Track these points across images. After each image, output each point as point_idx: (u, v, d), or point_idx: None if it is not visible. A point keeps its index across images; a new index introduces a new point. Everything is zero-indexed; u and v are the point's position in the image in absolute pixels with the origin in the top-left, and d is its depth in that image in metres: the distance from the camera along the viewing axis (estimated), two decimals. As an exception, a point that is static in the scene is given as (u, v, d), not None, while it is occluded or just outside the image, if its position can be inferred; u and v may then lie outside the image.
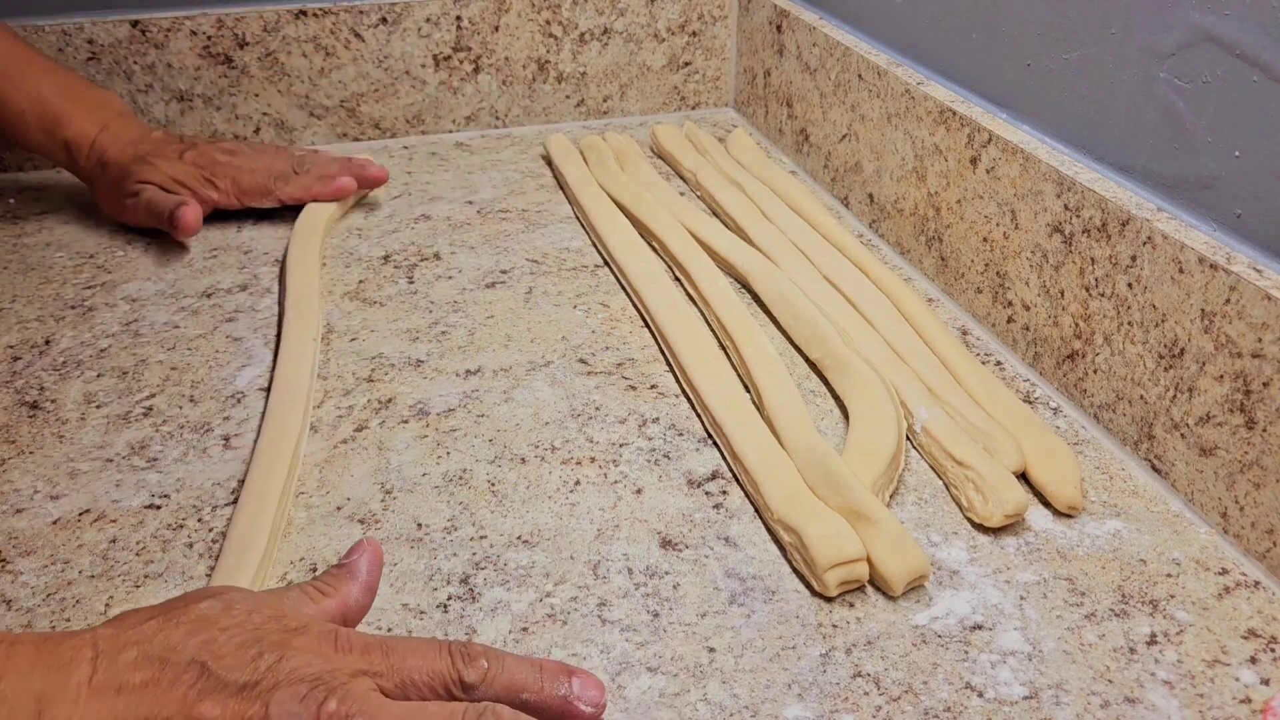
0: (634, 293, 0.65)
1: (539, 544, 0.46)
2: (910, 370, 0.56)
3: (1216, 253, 0.46)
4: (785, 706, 0.39)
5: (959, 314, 0.64)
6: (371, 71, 0.87)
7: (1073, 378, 0.55)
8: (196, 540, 0.47)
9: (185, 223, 0.69)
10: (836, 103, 0.76)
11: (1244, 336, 0.44)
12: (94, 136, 0.71)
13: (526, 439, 0.53)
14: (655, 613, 0.43)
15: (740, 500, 0.49)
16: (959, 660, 0.41)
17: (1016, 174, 0.57)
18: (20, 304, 0.65)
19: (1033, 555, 0.46)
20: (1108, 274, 0.51)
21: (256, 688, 0.33)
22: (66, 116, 0.71)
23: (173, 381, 0.58)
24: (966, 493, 0.48)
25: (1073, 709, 0.39)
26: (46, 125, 0.71)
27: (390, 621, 0.42)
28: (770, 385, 0.54)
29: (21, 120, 0.70)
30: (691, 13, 0.93)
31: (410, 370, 0.59)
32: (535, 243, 0.73)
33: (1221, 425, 0.46)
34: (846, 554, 0.43)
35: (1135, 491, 0.50)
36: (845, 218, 0.77)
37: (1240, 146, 0.46)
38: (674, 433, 0.54)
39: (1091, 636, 0.42)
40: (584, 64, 0.92)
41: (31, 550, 0.46)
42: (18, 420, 0.55)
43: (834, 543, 0.43)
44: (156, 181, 0.71)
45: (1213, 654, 0.41)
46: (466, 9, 0.87)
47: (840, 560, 0.43)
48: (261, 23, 0.83)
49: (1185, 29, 0.48)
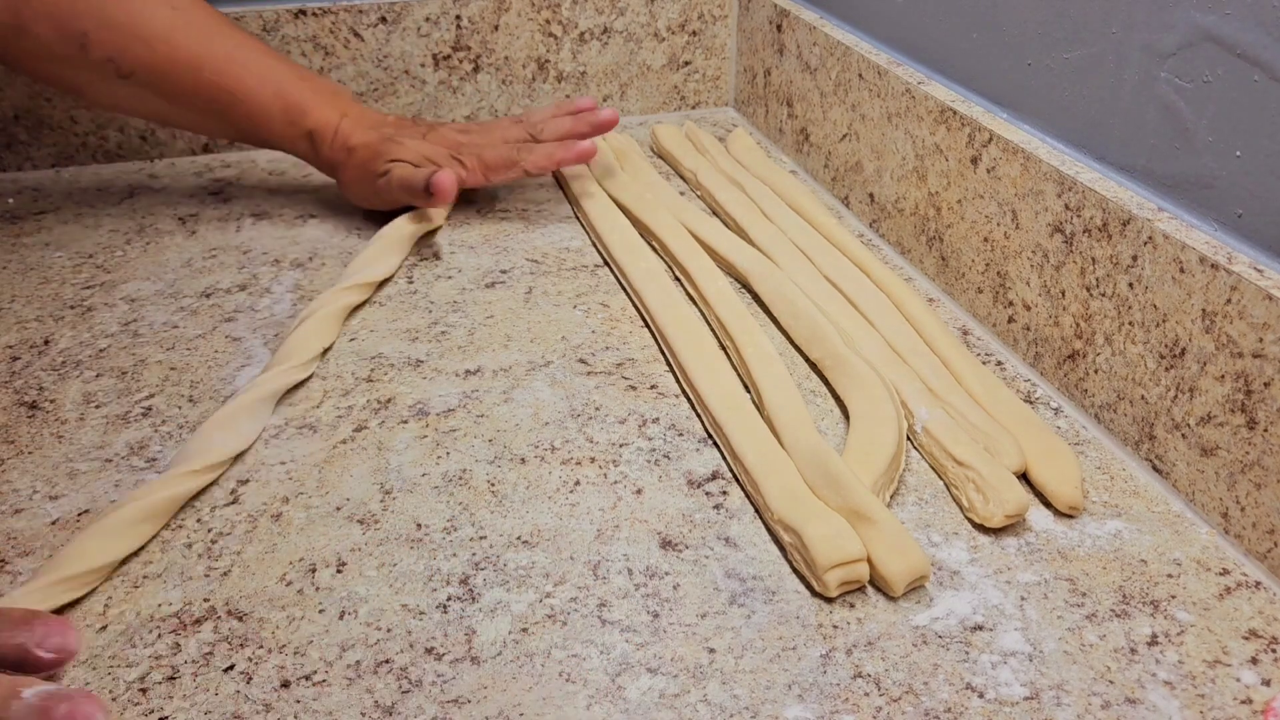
0: (634, 293, 0.65)
1: (539, 544, 0.46)
2: (910, 370, 0.56)
3: (1217, 253, 0.45)
4: (785, 707, 0.39)
5: (959, 314, 0.64)
6: (371, 71, 0.87)
7: (1073, 378, 0.55)
8: (195, 540, 0.47)
9: (442, 186, 0.68)
10: (837, 102, 0.76)
11: (1245, 336, 0.44)
12: (336, 124, 0.71)
13: (526, 439, 0.53)
14: (655, 613, 0.43)
15: (740, 500, 0.49)
16: (959, 661, 0.40)
17: (1017, 174, 0.57)
18: (19, 304, 0.65)
19: (1033, 556, 0.46)
20: (1108, 274, 0.51)
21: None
22: (310, 106, 0.71)
23: (172, 381, 0.58)
24: (967, 493, 0.48)
25: (1073, 709, 0.38)
26: (292, 116, 0.71)
27: (389, 622, 0.42)
28: (770, 385, 0.54)
29: (266, 113, 0.70)
30: (691, 12, 0.92)
31: (410, 370, 0.59)
32: (535, 243, 0.73)
33: (1223, 425, 0.46)
34: (847, 554, 0.43)
35: (1136, 492, 0.49)
36: (845, 217, 0.77)
37: (1241, 146, 0.46)
38: (674, 433, 0.54)
39: (1092, 637, 0.42)
40: (584, 63, 0.92)
41: (31, 550, 0.46)
42: (17, 420, 0.55)
43: (834, 543, 0.43)
44: (407, 159, 0.71)
45: (1214, 654, 0.41)
46: (466, 8, 0.87)
47: (841, 560, 0.43)
48: (261, 22, 0.83)
49: (1186, 29, 0.48)
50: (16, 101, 0.81)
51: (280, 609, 0.43)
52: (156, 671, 0.40)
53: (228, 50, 0.69)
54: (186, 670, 0.40)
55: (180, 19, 0.68)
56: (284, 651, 0.41)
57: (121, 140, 0.85)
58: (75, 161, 0.85)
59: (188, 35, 0.68)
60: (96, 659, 0.41)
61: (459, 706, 0.39)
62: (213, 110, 0.70)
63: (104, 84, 0.68)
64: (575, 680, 0.40)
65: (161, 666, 0.40)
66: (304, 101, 0.71)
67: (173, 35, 0.67)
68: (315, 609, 0.43)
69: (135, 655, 0.41)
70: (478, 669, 0.40)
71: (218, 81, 0.69)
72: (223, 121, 0.71)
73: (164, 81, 0.68)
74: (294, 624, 0.42)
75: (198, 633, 0.42)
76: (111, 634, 0.42)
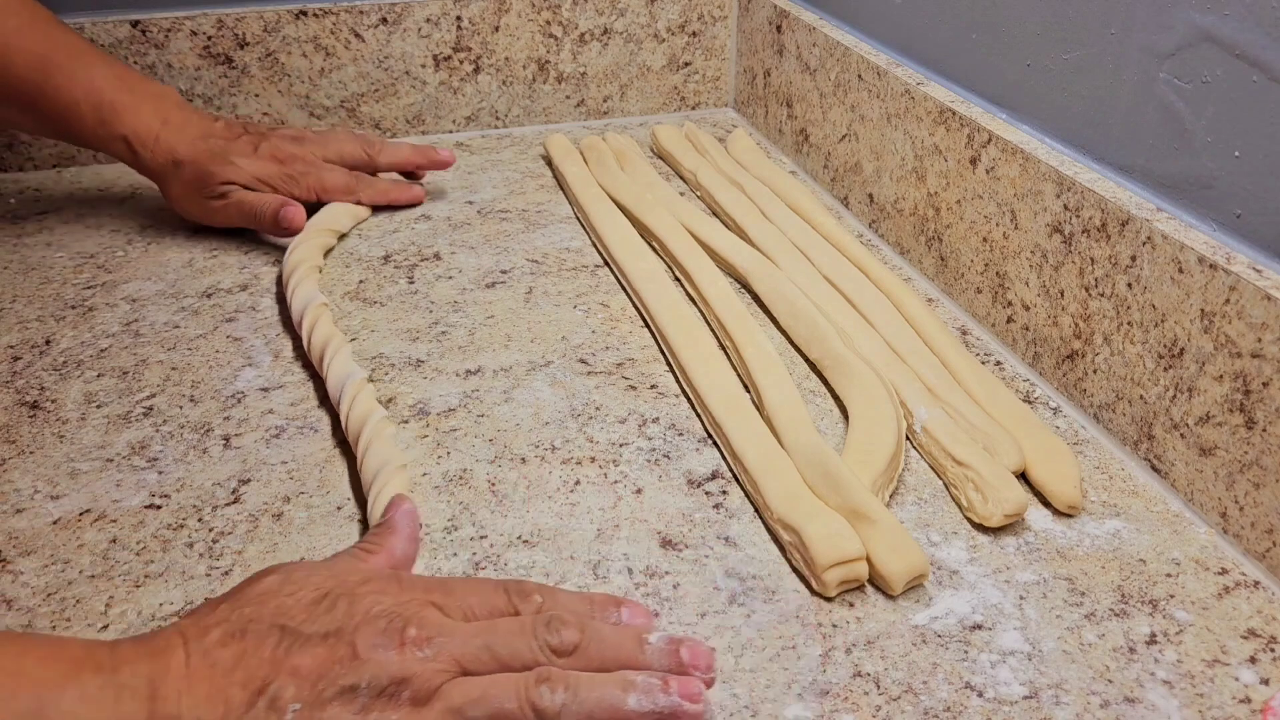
0: (634, 293, 0.65)
1: (539, 544, 0.46)
2: (910, 370, 0.56)
3: (1216, 253, 0.46)
4: (785, 706, 0.39)
5: (959, 314, 0.64)
6: (371, 71, 0.87)
7: (1072, 378, 0.55)
8: (197, 540, 0.47)
9: (296, 223, 0.69)
10: (836, 103, 0.76)
11: (1244, 336, 0.44)
12: (156, 131, 0.69)
13: (526, 439, 0.53)
14: (655, 613, 0.43)
15: (740, 500, 0.49)
16: (959, 660, 0.41)
17: (1016, 174, 0.57)
18: (20, 304, 0.65)
19: (1032, 555, 0.46)
20: (1107, 274, 0.52)
21: (339, 633, 0.35)
22: (124, 108, 0.68)
23: (173, 381, 0.58)
24: (966, 492, 0.48)
25: (1072, 709, 0.39)
26: (103, 118, 0.68)
27: (390, 621, 0.42)
28: (770, 385, 0.54)
29: (76, 112, 0.68)
30: (691, 13, 0.93)
31: (410, 370, 0.59)
32: (535, 243, 0.73)
33: (1221, 425, 0.46)
34: (846, 553, 0.43)
35: (1135, 491, 0.50)
36: (845, 218, 0.77)
37: (1240, 146, 0.46)
38: (674, 433, 0.54)
39: (1091, 636, 0.42)
40: (584, 64, 0.92)
41: (32, 550, 0.46)
42: (18, 420, 0.55)
43: (834, 542, 0.43)
44: (241, 182, 0.70)
45: (1212, 654, 0.41)
46: (466, 9, 0.87)
47: (840, 559, 0.43)
48: (262, 23, 0.83)
49: (1185, 29, 0.48)
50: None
51: (281, 608, 0.43)
52: (158, 670, 0.40)
53: (41, 48, 0.67)
54: (188, 669, 0.40)
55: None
56: (285, 650, 0.41)
57: (122, 141, 0.85)
58: (77, 161, 0.85)
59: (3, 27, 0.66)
60: (98, 658, 0.41)
61: (459, 705, 0.39)
62: (25, 106, 0.68)
63: None
64: (575, 679, 0.40)
65: (163, 665, 0.41)
66: (117, 103, 0.68)
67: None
68: (316, 608, 0.43)
69: (136, 654, 0.41)
70: (478, 668, 0.40)
71: (27, 76, 0.66)
72: (38, 119, 0.69)
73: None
74: (295, 623, 0.42)
75: (199, 632, 0.42)
76: (113, 633, 0.42)
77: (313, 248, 0.68)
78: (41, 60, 0.67)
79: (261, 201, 0.69)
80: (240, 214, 0.70)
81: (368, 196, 0.75)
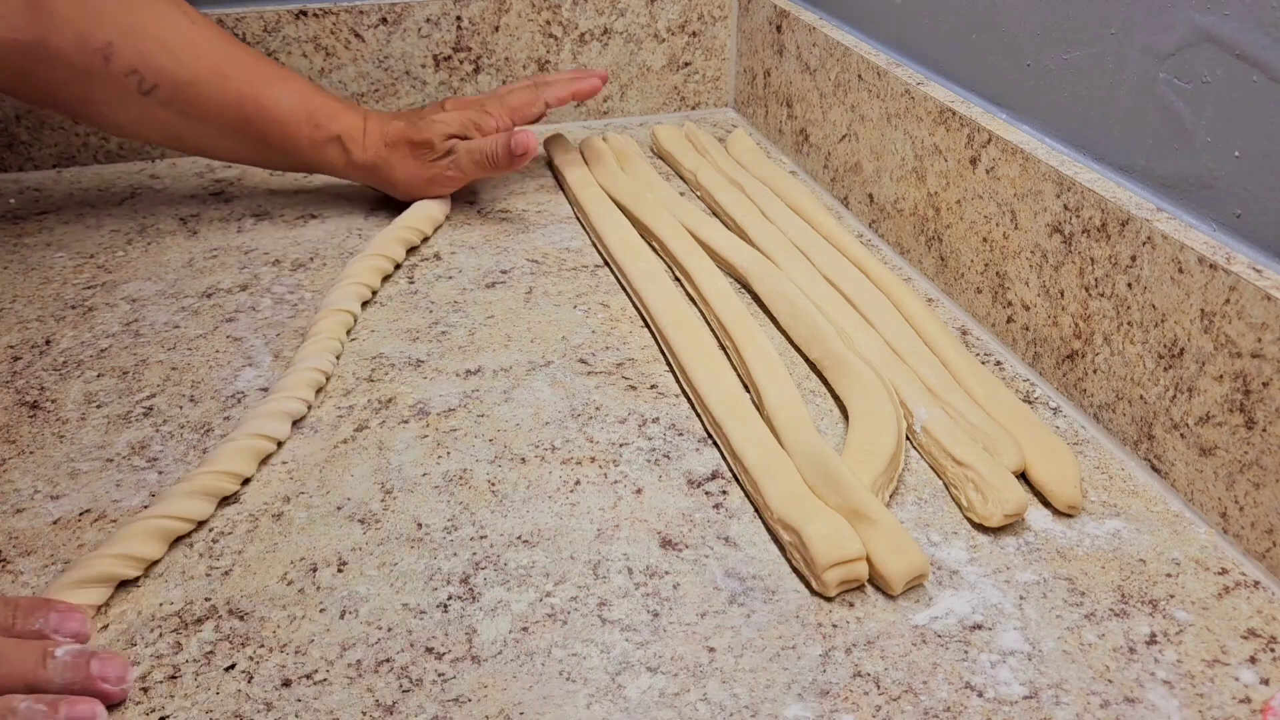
0: (634, 293, 0.65)
1: (539, 544, 0.46)
2: (910, 370, 0.56)
3: (1216, 253, 0.46)
4: (785, 706, 0.39)
5: (959, 314, 0.64)
6: (372, 72, 0.87)
7: (1072, 378, 0.55)
8: (197, 540, 0.47)
9: (530, 147, 0.70)
10: (836, 103, 0.76)
11: (1244, 336, 0.44)
12: (363, 125, 0.72)
13: (526, 439, 0.53)
14: (655, 612, 0.43)
15: (740, 500, 0.49)
16: (959, 660, 0.41)
17: (1016, 174, 0.57)
18: (20, 304, 0.65)
19: (1032, 555, 0.46)
20: (1107, 274, 0.52)
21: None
22: (335, 110, 0.71)
23: (173, 381, 0.58)
24: (966, 492, 0.48)
25: (1072, 709, 0.39)
26: (318, 120, 0.70)
27: (390, 621, 0.42)
28: (770, 385, 0.54)
29: (293, 120, 0.69)
30: (691, 13, 0.93)
31: (410, 370, 0.59)
32: (535, 243, 0.73)
33: (1221, 425, 0.46)
34: (846, 553, 0.43)
35: (1135, 491, 0.50)
36: (845, 218, 0.77)
37: (1240, 146, 0.46)
38: (674, 433, 0.54)
39: (1091, 636, 0.42)
40: (584, 64, 0.92)
41: (32, 550, 0.46)
42: (18, 420, 0.55)
43: (833, 542, 0.43)
44: (456, 132, 0.72)
45: (1212, 654, 0.41)
46: (466, 9, 0.87)
47: (840, 559, 0.43)
48: (262, 23, 0.83)
49: (1185, 29, 0.48)
50: (18, 102, 0.81)
51: (281, 608, 0.43)
52: (158, 670, 0.40)
53: (248, 61, 0.69)
54: (188, 669, 0.40)
55: (200, 33, 0.67)
56: (285, 651, 0.41)
57: (123, 140, 0.85)
58: (77, 162, 0.85)
59: (211, 46, 0.67)
60: (98, 658, 0.41)
61: (459, 705, 0.39)
62: (235, 124, 0.69)
63: (124, 101, 0.66)
64: (575, 679, 0.40)
65: (163, 665, 0.41)
66: (328, 106, 0.71)
67: (197, 46, 0.67)
68: (316, 608, 0.43)
69: (137, 654, 0.41)
70: (478, 668, 0.40)
71: (244, 90, 0.68)
72: (242, 137, 0.70)
73: (187, 93, 0.66)
74: (295, 623, 0.42)
75: (199, 632, 0.42)
76: (113, 633, 0.42)
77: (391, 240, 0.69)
78: (253, 73, 0.69)
79: (488, 143, 0.71)
80: (473, 163, 0.72)
81: (552, 95, 0.76)
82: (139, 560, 0.44)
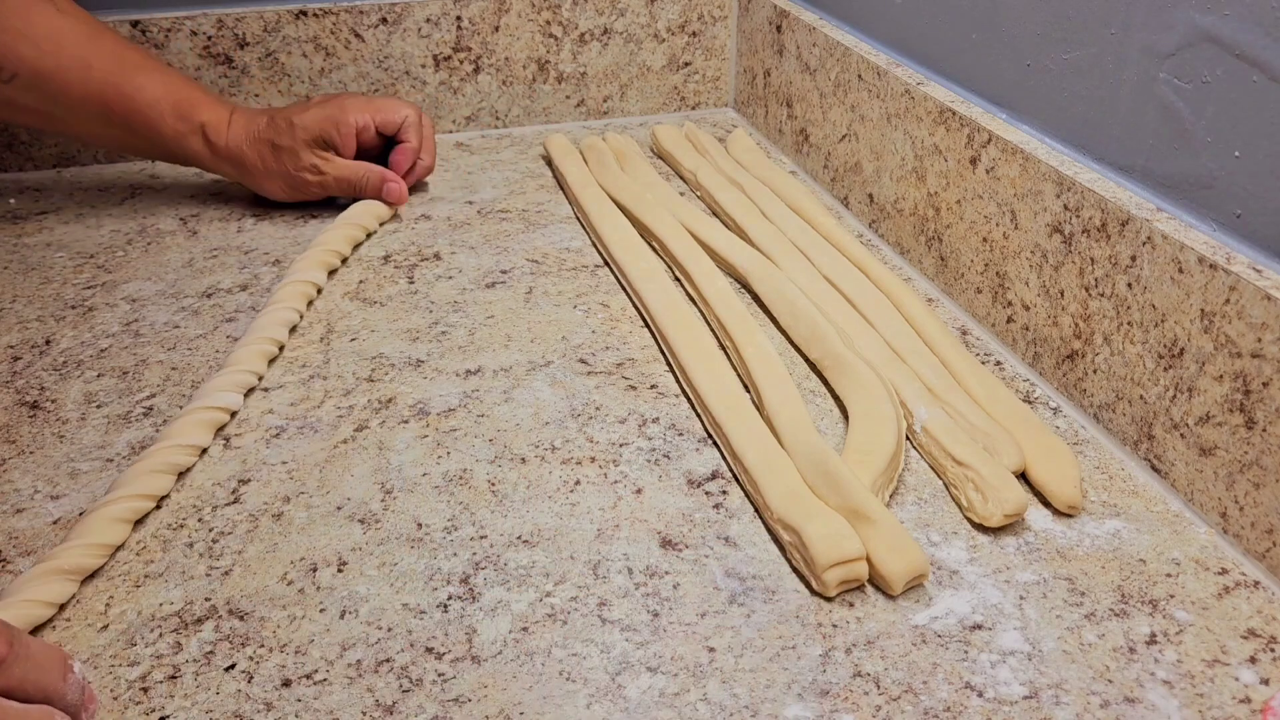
0: (634, 293, 0.65)
1: (539, 544, 0.46)
2: (910, 370, 0.56)
3: (1216, 253, 0.46)
4: (785, 706, 0.39)
5: (959, 314, 0.64)
6: (372, 72, 0.87)
7: (1072, 378, 0.55)
8: (196, 540, 0.47)
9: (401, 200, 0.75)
10: (836, 103, 0.76)
11: (1243, 336, 0.44)
12: (228, 118, 0.72)
13: (526, 439, 0.53)
14: (655, 612, 0.43)
15: (740, 500, 0.49)
16: (959, 660, 0.41)
17: (1016, 174, 0.57)
18: (20, 304, 0.65)
19: (1032, 555, 0.46)
20: (1107, 274, 0.52)
21: None
22: (200, 100, 0.72)
23: (173, 381, 0.58)
24: (966, 492, 0.48)
25: (1072, 709, 0.39)
26: (183, 110, 0.71)
27: (390, 621, 0.42)
28: (770, 385, 0.54)
29: (157, 110, 0.70)
30: (691, 13, 0.93)
31: (410, 370, 0.59)
32: (535, 243, 0.73)
33: (1221, 425, 0.46)
34: (846, 553, 0.43)
35: (1135, 491, 0.50)
36: (845, 218, 0.77)
37: (1240, 146, 0.46)
38: (674, 433, 0.54)
39: (1091, 636, 0.42)
40: (584, 64, 0.92)
41: (32, 550, 0.46)
42: (18, 420, 0.55)
43: (833, 542, 0.43)
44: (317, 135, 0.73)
45: (1212, 654, 0.41)
46: (466, 9, 0.87)
47: (840, 559, 0.43)
48: (262, 23, 0.83)
49: (1185, 29, 0.48)
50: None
51: (281, 608, 0.43)
52: (158, 670, 0.40)
53: (116, 51, 0.69)
54: (188, 669, 0.40)
55: (66, 22, 0.68)
56: (285, 650, 0.41)
57: (122, 141, 0.85)
58: (77, 162, 0.85)
59: (75, 36, 0.68)
60: (98, 658, 0.41)
61: (459, 705, 0.39)
62: (99, 112, 0.69)
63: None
64: (575, 679, 0.40)
65: (163, 665, 0.41)
66: (194, 97, 0.72)
67: (60, 35, 0.67)
68: (316, 608, 0.43)
69: (136, 654, 0.41)
70: (478, 668, 0.40)
71: (107, 80, 0.68)
72: (108, 125, 0.70)
73: (50, 82, 0.67)
74: (295, 623, 0.42)
75: (199, 632, 0.42)
76: (113, 633, 0.42)
77: (339, 238, 0.70)
78: (119, 63, 0.69)
79: (362, 175, 0.74)
80: (340, 186, 0.75)
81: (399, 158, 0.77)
82: (107, 548, 0.45)
